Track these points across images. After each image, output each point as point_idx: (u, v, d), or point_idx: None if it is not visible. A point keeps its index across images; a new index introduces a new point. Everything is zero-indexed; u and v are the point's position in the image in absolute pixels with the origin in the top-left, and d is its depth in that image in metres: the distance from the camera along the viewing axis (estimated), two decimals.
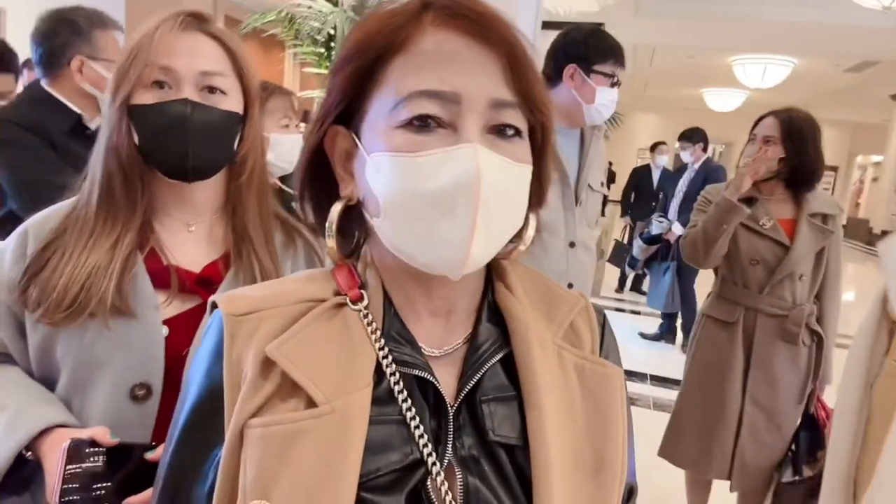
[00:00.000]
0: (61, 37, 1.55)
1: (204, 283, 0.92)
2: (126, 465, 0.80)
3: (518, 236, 0.55)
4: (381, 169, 0.49)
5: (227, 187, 0.98)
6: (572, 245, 1.90)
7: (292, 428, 0.47)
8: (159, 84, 0.88)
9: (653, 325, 5.32)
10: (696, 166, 4.83)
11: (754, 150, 1.98)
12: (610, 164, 8.83)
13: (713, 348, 2.04)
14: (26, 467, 0.82)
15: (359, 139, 0.53)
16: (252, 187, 0.97)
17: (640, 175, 6.71)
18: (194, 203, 0.96)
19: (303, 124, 1.86)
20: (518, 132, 0.50)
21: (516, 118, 0.50)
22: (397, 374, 0.52)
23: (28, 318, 0.86)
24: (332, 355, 0.51)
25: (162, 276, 0.90)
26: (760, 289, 1.98)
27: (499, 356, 0.55)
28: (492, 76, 0.49)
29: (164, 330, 0.89)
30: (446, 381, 0.54)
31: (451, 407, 0.53)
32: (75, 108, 1.58)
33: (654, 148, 6.75)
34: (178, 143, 0.87)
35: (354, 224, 0.57)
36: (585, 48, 1.79)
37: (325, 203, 0.56)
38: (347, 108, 0.53)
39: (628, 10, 7.64)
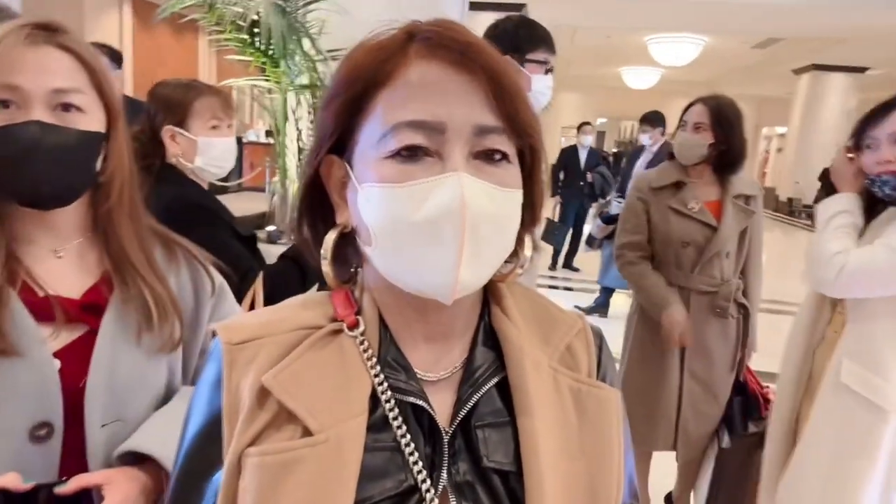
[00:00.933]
0: None
1: (89, 309, 0.88)
2: None
3: (515, 256, 0.56)
4: (370, 199, 0.51)
5: (94, 209, 0.91)
6: None
7: (288, 457, 0.48)
8: (4, 104, 0.80)
9: (586, 300, 5.51)
10: (654, 148, 5.00)
11: (685, 136, 2.07)
12: None
13: (650, 327, 2.14)
14: None
15: (351, 169, 0.54)
16: (123, 209, 0.91)
17: (568, 154, 6.89)
18: (58, 229, 0.89)
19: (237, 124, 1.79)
20: (505, 156, 0.51)
21: (503, 143, 0.51)
22: (392, 401, 0.52)
23: None
24: (327, 383, 0.51)
25: (42, 308, 0.84)
26: (692, 268, 2.09)
27: (494, 381, 0.56)
28: (476, 103, 0.50)
29: (56, 363, 0.83)
30: (442, 406, 0.54)
31: (446, 433, 0.53)
32: None
33: (580, 128, 6.94)
34: (29, 170, 0.80)
35: (351, 249, 0.58)
36: (517, 38, 1.81)
37: (323, 230, 0.57)
38: (340, 139, 0.54)
39: None
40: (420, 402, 0.53)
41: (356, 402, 0.51)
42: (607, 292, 5.30)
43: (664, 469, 2.39)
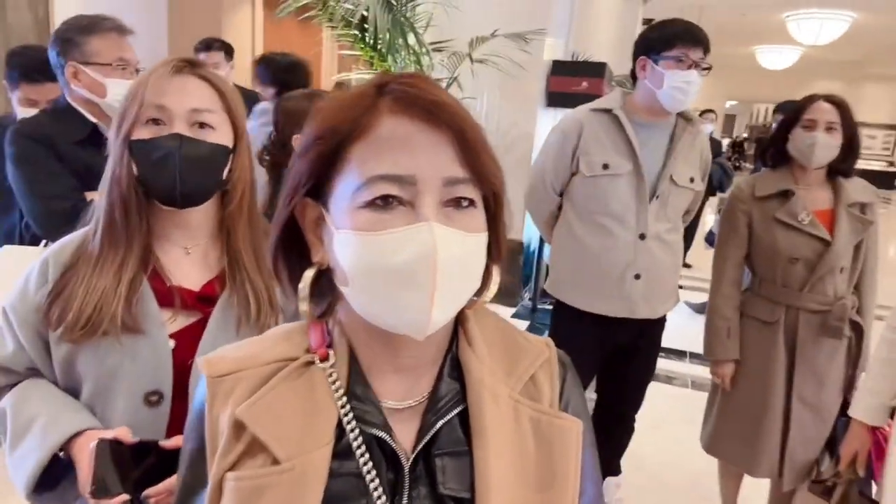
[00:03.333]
0: (56, 46, 1.59)
1: (204, 300, 1.02)
2: (146, 459, 0.92)
3: (484, 288, 0.60)
4: (347, 244, 0.54)
5: (220, 213, 1.07)
6: (642, 237, 1.95)
7: (258, 483, 0.54)
8: (155, 121, 0.97)
9: (697, 297, 5.24)
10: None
11: (820, 136, 1.88)
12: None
13: (754, 349, 2.00)
14: (59, 466, 0.95)
15: (327, 212, 0.57)
16: (242, 214, 1.06)
17: None
18: (190, 228, 1.05)
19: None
20: (472, 203, 0.55)
21: (469, 191, 0.55)
22: (357, 431, 0.57)
23: (51, 337, 0.97)
24: (296, 415, 0.56)
25: (166, 295, 1.00)
26: (801, 286, 1.92)
27: (455, 412, 0.60)
28: (444, 156, 0.53)
29: (171, 343, 0.99)
30: (407, 433, 0.59)
31: (408, 461, 0.58)
32: (90, 117, 1.62)
33: (701, 115, 6.55)
34: (169, 173, 0.97)
35: (326, 284, 0.61)
36: (650, 40, 1.93)
37: (297, 267, 0.61)
38: (315, 185, 0.58)
39: None
40: (381, 434, 0.57)
41: (322, 433, 0.56)
42: None
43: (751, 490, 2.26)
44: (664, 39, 1.88)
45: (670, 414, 3.16)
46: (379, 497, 0.56)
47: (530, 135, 4.42)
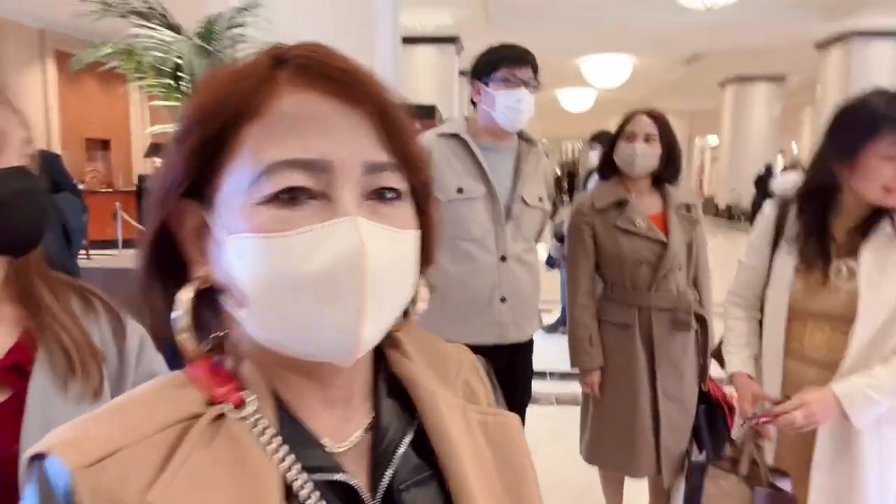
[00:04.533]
0: None
1: (15, 370, 0.81)
2: None
3: (412, 302, 0.50)
4: (243, 253, 0.43)
5: (6, 266, 0.85)
6: (503, 259, 1.94)
7: None
8: None
9: (546, 318, 5.47)
10: None
11: (641, 147, 2.03)
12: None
13: (616, 353, 2.07)
14: None
15: (211, 217, 0.45)
16: (31, 263, 0.86)
17: None
18: None
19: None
20: (399, 194, 0.46)
21: (395, 180, 0.45)
22: (309, 485, 0.44)
23: None
24: (227, 486, 0.41)
25: None
26: (648, 287, 2.04)
27: (408, 438, 0.50)
28: (363, 138, 0.44)
29: None
30: (357, 476, 0.47)
31: (373, 501, 0.47)
32: None
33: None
34: None
35: (208, 311, 0.48)
36: (479, 65, 1.98)
37: (174, 290, 0.47)
38: (194, 182, 0.45)
39: (481, 23, 7.89)
40: (340, 478, 0.45)
41: (269, 498, 0.42)
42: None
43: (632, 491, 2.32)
44: (491, 63, 1.95)
45: (544, 435, 3.21)
46: None
47: None
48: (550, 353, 4.11)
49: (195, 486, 0.40)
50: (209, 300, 0.47)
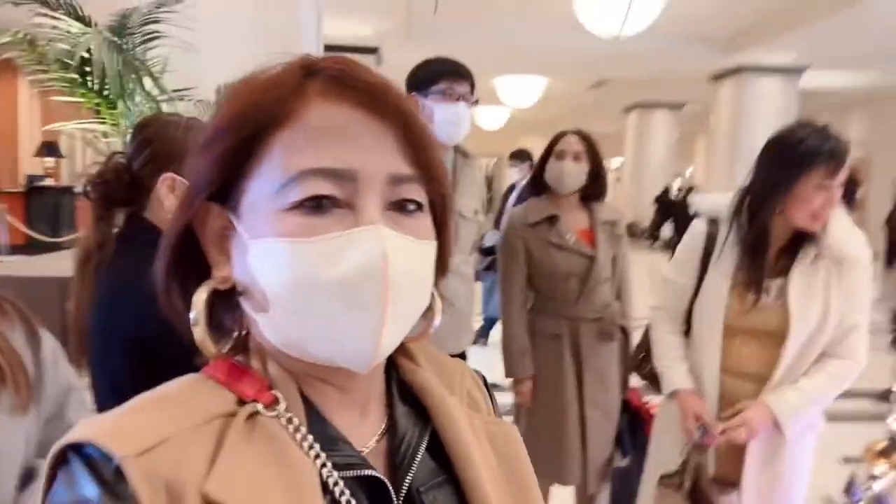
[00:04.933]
0: None
1: None
2: None
3: (426, 312, 0.52)
4: (268, 257, 0.44)
5: None
6: None
7: None
8: None
9: None
10: (524, 182, 5.18)
11: (569, 165, 2.11)
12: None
13: (546, 363, 2.13)
14: None
15: (237, 220, 0.47)
16: None
17: None
18: None
19: None
20: (420, 206, 0.47)
21: (416, 192, 0.47)
22: (341, 483, 0.45)
23: None
24: (273, 481, 0.42)
25: None
26: (577, 298, 2.12)
27: (425, 442, 0.51)
28: (388, 150, 0.45)
29: None
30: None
31: (399, 499, 0.48)
32: None
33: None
34: None
35: (226, 313, 0.49)
36: (417, 78, 1.97)
37: (193, 291, 0.48)
38: (221, 186, 0.47)
39: (402, 37, 7.94)
40: (372, 473, 0.47)
41: (312, 494, 0.43)
42: (489, 322, 5.38)
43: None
44: (429, 76, 1.96)
45: None
46: None
47: None
48: (472, 364, 4.17)
49: (247, 478, 0.41)
50: (228, 302, 0.48)
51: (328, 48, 7.57)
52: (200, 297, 0.47)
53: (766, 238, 1.53)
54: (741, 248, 1.55)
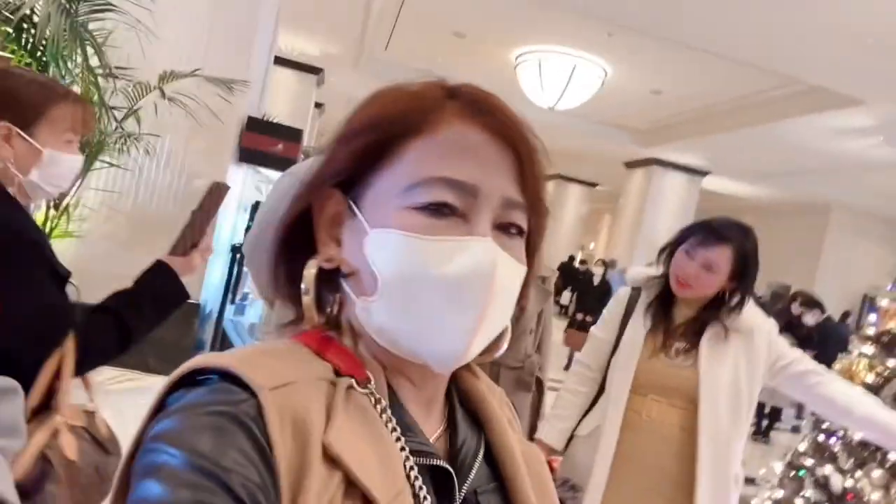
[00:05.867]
0: None
1: None
2: None
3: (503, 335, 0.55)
4: (387, 246, 0.47)
5: None
6: None
7: None
8: None
9: None
10: None
11: None
12: None
13: None
14: None
15: (359, 208, 0.50)
16: None
17: None
18: None
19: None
20: (520, 232, 0.51)
21: (521, 219, 0.50)
22: (416, 469, 0.47)
23: None
24: (370, 449, 0.44)
25: None
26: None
27: (482, 447, 0.54)
28: (506, 175, 0.49)
29: None
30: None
31: (460, 496, 0.49)
32: None
33: None
34: None
35: (325, 289, 0.52)
36: None
37: (298, 269, 0.51)
38: (349, 177, 0.51)
39: (349, 63, 8.00)
40: (442, 464, 0.48)
41: (397, 471, 0.45)
42: None
43: None
44: None
45: None
46: None
47: None
48: None
49: (354, 440, 0.43)
50: (329, 281, 0.51)
51: (278, 60, 7.51)
52: (311, 270, 0.50)
53: (670, 306, 1.70)
54: (653, 312, 1.72)
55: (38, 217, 3.42)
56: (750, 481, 4.25)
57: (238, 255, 4.03)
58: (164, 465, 0.37)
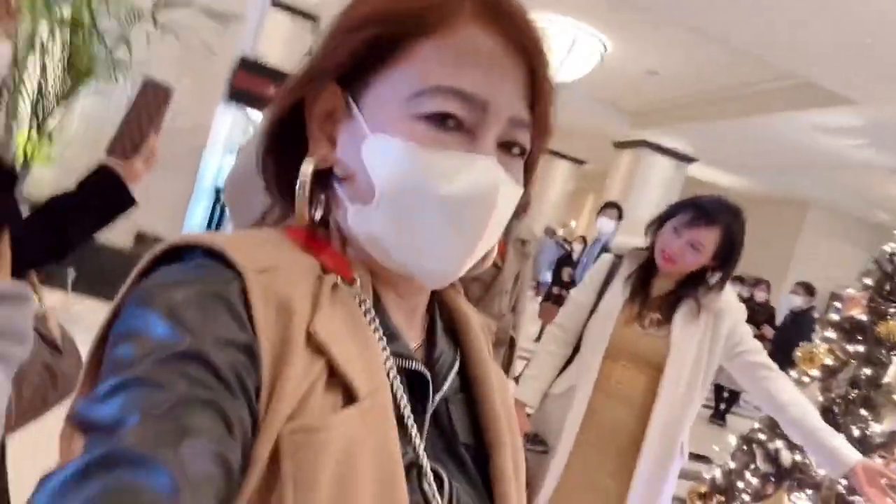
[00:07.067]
0: None
1: None
2: None
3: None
4: (388, 153, 0.45)
5: None
6: None
7: (351, 433, 0.39)
8: None
9: None
10: None
11: None
12: None
13: None
14: None
15: (358, 108, 0.47)
16: None
17: None
18: None
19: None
20: (523, 152, 0.49)
21: (525, 138, 0.48)
22: (394, 370, 0.46)
23: None
24: (353, 343, 0.43)
25: None
26: (476, 302, 2.22)
27: (458, 360, 0.54)
28: (517, 90, 0.47)
29: None
30: None
31: (432, 404, 0.50)
32: None
33: None
34: None
35: (316, 189, 0.50)
36: None
37: (289, 165, 0.49)
38: (348, 72, 0.47)
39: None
40: (420, 368, 0.48)
41: (379, 368, 0.44)
42: None
43: None
44: None
45: None
46: (418, 444, 0.46)
47: (206, 127, 4.05)
48: None
49: (340, 332, 0.42)
50: (319, 180, 0.49)
51: (274, 2, 7.33)
52: (308, 167, 0.47)
53: (650, 276, 1.75)
54: (633, 281, 1.76)
55: (20, 140, 3.36)
56: (703, 458, 4.44)
57: (220, 197, 4.01)
58: (147, 332, 0.35)
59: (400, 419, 0.44)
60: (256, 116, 4.51)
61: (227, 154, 4.95)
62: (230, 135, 4.95)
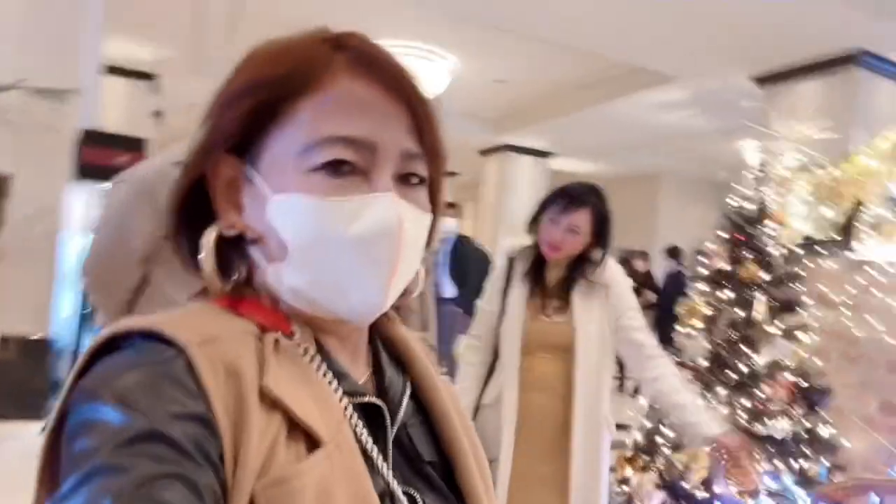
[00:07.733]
0: None
1: None
2: None
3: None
4: (291, 210, 0.47)
5: None
6: None
7: (323, 477, 0.41)
8: None
9: None
10: None
11: None
12: None
13: None
14: None
15: (256, 173, 0.49)
16: None
17: None
18: None
19: None
20: (422, 181, 0.52)
21: (422, 168, 0.51)
22: (350, 407, 0.49)
23: None
24: (306, 391, 0.45)
25: None
26: None
27: (408, 386, 0.57)
28: (402, 128, 0.50)
29: None
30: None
31: (392, 432, 0.52)
32: None
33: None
34: None
35: (233, 255, 0.52)
36: None
37: (198, 235, 0.51)
38: (240, 141, 0.50)
39: (186, 69, 7.56)
40: (375, 401, 0.51)
41: (336, 409, 0.47)
42: None
43: None
44: None
45: None
46: (386, 472, 0.49)
47: (55, 210, 3.75)
48: None
49: (291, 384, 0.44)
50: (234, 247, 0.51)
51: (112, 70, 6.92)
52: (209, 237, 0.49)
53: (542, 264, 1.87)
54: (526, 274, 1.87)
55: None
56: (621, 427, 4.71)
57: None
58: (101, 422, 0.36)
59: (364, 452, 0.47)
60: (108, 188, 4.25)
61: (87, 234, 4.62)
62: (87, 213, 4.62)
